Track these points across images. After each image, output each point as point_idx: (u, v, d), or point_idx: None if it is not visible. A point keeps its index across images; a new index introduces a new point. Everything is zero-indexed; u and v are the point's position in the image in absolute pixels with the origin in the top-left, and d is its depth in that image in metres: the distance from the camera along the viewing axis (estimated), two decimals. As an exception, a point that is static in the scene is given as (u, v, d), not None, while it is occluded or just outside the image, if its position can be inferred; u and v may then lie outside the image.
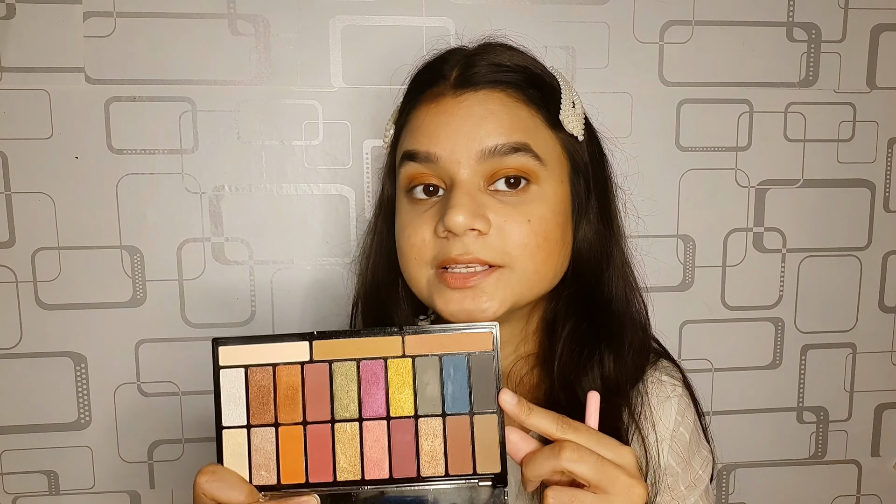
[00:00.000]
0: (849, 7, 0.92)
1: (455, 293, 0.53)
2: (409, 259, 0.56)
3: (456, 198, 0.52)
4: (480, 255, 0.52)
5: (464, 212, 0.51)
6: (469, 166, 0.53)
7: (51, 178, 0.83)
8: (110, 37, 0.82)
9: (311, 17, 0.85)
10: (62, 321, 0.86)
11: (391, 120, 0.62)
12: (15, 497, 0.88)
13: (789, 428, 1.00)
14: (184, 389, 0.88)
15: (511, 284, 0.54)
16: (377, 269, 0.64)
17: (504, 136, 0.53)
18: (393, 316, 0.63)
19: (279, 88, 0.85)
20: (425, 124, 0.55)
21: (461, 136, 0.53)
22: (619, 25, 0.88)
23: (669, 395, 0.64)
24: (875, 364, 1.00)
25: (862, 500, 1.03)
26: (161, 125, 0.84)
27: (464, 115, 0.54)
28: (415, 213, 0.56)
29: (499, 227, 0.53)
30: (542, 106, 0.56)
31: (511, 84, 0.55)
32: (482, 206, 0.53)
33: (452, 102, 0.55)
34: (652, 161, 0.91)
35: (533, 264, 0.54)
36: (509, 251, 0.53)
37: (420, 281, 0.56)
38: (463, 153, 0.53)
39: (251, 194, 0.86)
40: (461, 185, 0.53)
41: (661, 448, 0.63)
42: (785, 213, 0.95)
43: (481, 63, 0.56)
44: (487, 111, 0.54)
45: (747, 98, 0.92)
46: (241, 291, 0.88)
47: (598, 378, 0.60)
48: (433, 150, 0.54)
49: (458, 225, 0.51)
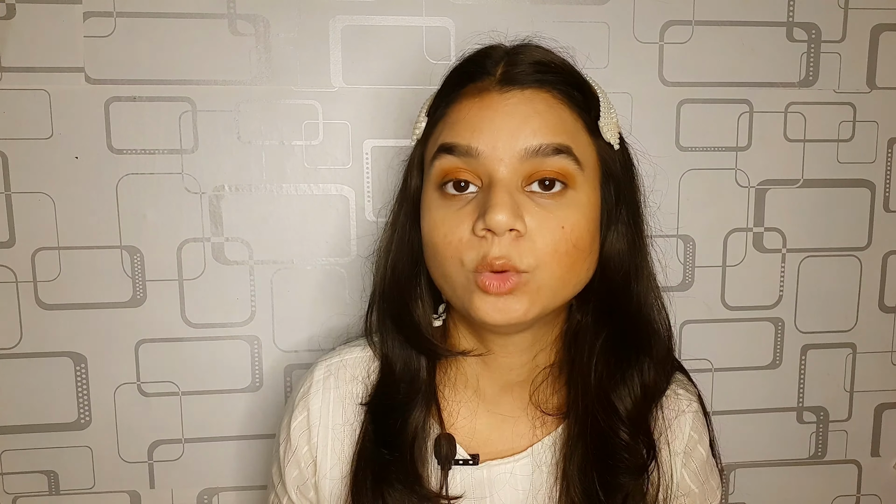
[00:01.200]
0: (849, 7, 0.92)
1: (490, 296, 0.53)
2: (445, 257, 0.55)
3: (498, 196, 0.51)
4: (514, 262, 0.52)
5: (506, 211, 0.50)
6: (510, 164, 0.52)
7: (51, 178, 0.83)
8: (110, 37, 0.82)
9: (311, 17, 0.85)
10: (62, 321, 0.86)
11: (423, 111, 0.61)
12: (15, 497, 0.88)
13: (789, 428, 1.00)
14: (184, 389, 0.88)
15: (541, 289, 0.53)
16: (397, 264, 0.62)
17: (548, 137, 0.52)
18: (413, 311, 0.62)
19: (279, 88, 0.85)
20: (468, 118, 0.54)
21: (505, 132, 0.52)
22: (619, 25, 0.88)
23: (685, 410, 0.63)
24: (875, 364, 1.00)
25: (862, 500, 1.03)
26: (161, 125, 0.84)
27: (509, 112, 0.53)
28: (449, 210, 0.55)
29: (533, 231, 0.52)
30: (585, 110, 0.56)
31: (556, 85, 0.55)
32: (520, 206, 0.52)
33: (498, 98, 0.54)
34: (652, 161, 0.91)
35: (560, 270, 0.53)
36: (541, 256, 0.53)
37: (456, 279, 0.55)
38: (506, 151, 0.52)
39: (251, 194, 0.87)
40: (501, 183, 0.52)
41: (674, 463, 0.62)
42: (785, 213, 0.95)
43: (527, 61, 0.55)
44: (533, 110, 0.53)
45: (747, 98, 0.92)
46: (241, 291, 0.88)
47: (639, 387, 0.60)
48: (475, 144, 0.53)
49: (499, 224, 0.50)
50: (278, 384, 0.90)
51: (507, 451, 0.63)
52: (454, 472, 0.62)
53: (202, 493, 0.91)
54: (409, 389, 0.63)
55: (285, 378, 0.90)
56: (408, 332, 0.62)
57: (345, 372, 0.66)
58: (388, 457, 0.61)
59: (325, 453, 0.64)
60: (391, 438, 0.61)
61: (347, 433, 0.64)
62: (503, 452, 0.63)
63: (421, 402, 0.62)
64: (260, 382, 0.90)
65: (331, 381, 0.66)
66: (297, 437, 0.65)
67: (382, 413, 0.63)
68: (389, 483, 0.59)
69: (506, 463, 0.62)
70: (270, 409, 0.90)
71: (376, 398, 0.64)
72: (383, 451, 0.61)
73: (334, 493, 0.64)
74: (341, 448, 0.64)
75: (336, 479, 0.64)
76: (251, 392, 0.89)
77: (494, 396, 0.64)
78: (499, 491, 0.62)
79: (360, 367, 0.66)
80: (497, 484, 0.62)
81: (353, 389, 0.65)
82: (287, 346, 0.90)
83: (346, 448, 0.64)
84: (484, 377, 0.64)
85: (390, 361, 0.64)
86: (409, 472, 0.60)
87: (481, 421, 0.64)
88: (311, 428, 0.65)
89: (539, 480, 0.61)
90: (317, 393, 0.66)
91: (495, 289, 0.52)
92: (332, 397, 0.65)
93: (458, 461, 0.61)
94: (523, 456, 0.62)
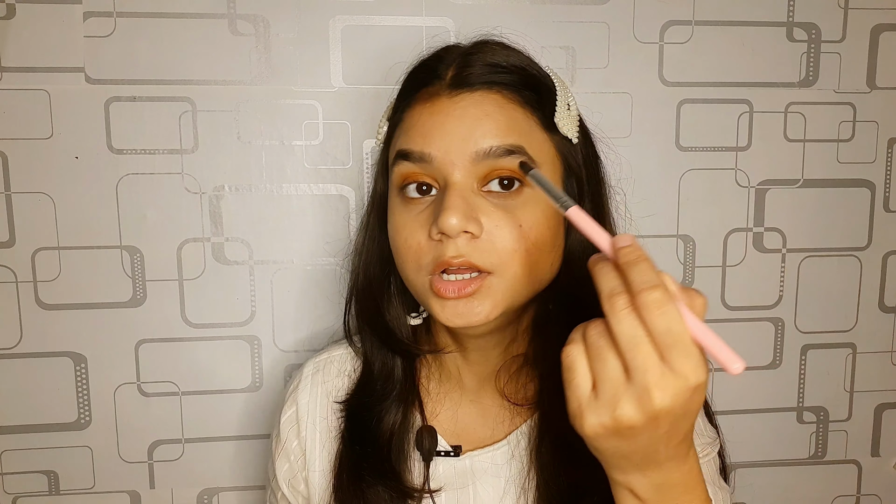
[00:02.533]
0: (849, 7, 0.92)
1: (449, 301, 0.54)
2: (405, 261, 0.56)
3: (449, 200, 0.52)
4: (472, 259, 0.53)
5: (457, 214, 0.51)
6: (463, 168, 0.53)
7: (51, 178, 0.83)
8: (110, 37, 0.82)
9: (311, 17, 0.85)
10: (62, 321, 0.86)
11: (384, 117, 0.62)
12: (15, 497, 0.88)
13: (789, 428, 1.00)
14: (184, 389, 0.88)
15: (502, 289, 0.54)
16: (369, 266, 0.64)
17: (499, 139, 0.53)
18: (385, 313, 0.63)
19: (279, 88, 0.85)
20: (420, 124, 0.55)
21: (456, 137, 0.53)
22: (619, 25, 0.88)
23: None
24: (875, 364, 1.00)
25: (862, 500, 1.03)
26: (161, 125, 0.84)
27: (459, 116, 0.53)
28: (409, 215, 0.56)
29: (490, 231, 0.53)
30: (538, 108, 0.56)
31: (507, 85, 0.55)
32: (475, 208, 0.53)
33: (448, 103, 0.54)
34: (652, 161, 0.91)
35: (522, 269, 0.54)
36: (500, 256, 0.53)
37: (417, 284, 0.57)
38: (457, 155, 0.53)
39: (251, 194, 0.86)
40: (455, 186, 0.53)
41: None
42: (785, 213, 0.95)
43: (477, 63, 0.55)
44: (483, 112, 0.53)
45: (747, 98, 0.92)
46: (241, 291, 0.88)
47: None
48: (427, 150, 0.54)
49: (451, 227, 0.51)
50: (278, 384, 0.90)
51: (487, 440, 0.64)
52: (437, 464, 0.63)
53: (202, 493, 0.91)
54: (384, 388, 0.64)
55: (285, 378, 0.90)
56: (381, 333, 0.64)
57: (331, 367, 0.69)
58: (362, 454, 0.62)
59: (314, 447, 0.66)
60: (367, 435, 0.63)
61: (334, 427, 0.66)
62: (484, 441, 0.64)
63: (397, 399, 0.64)
64: (260, 382, 0.90)
65: (318, 376, 0.69)
66: (286, 432, 0.68)
67: (358, 411, 0.65)
68: (366, 479, 0.61)
69: (486, 452, 0.64)
70: (270, 409, 0.90)
71: (353, 397, 0.66)
72: (356, 447, 0.63)
73: (322, 486, 0.65)
74: (329, 442, 0.66)
75: (324, 472, 0.65)
76: (251, 392, 0.89)
77: (475, 388, 0.65)
78: (480, 479, 0.63)
79: (347, 363, 0.69)
80: (478, 473, 0.63)
81: (340, 384, 0.68)
82: (287, 346, 0.90)
83: (334, 442, 0.66)
84: (464, 369, 0.65)
85: (369, 361, 0.66)
86: (385, 469, 0.61)
87: (464, 412, 0.66)
88: (299, 422, 0.67)
89: (516, 468, 0.63)
90: (305, 388, 0.68)
91: (454, 294, 0.53)
92: (320, 392, 0.68)
93: (439, 453, 0.63)
94: (502, 444, 0.64)
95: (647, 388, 0.39)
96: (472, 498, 0.63)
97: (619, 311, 0.39)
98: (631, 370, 0.39)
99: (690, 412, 0.41)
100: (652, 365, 0.39)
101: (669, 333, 0.38)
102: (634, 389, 0.39)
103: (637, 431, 0.40)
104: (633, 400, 0.39)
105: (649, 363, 0.39)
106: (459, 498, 0.63)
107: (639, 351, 0.39)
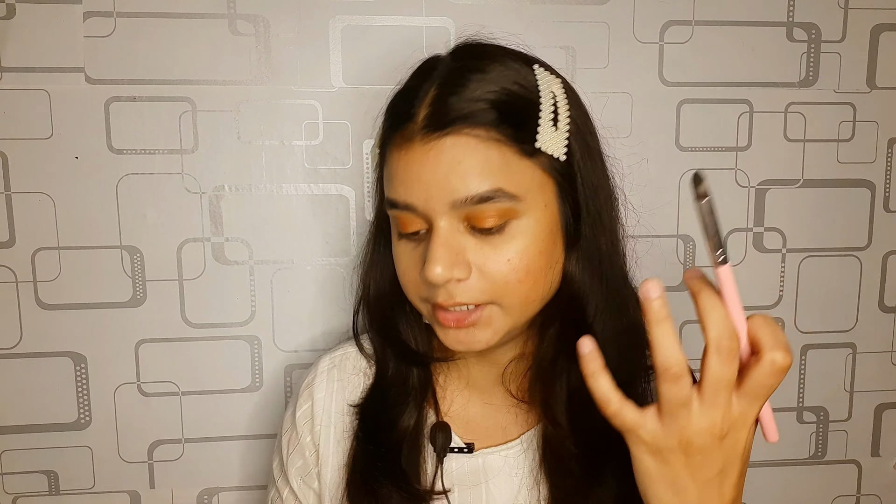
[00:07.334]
0: (849, 7, 0.92)
1: (451, 329, 0.56)
2: (407, 290, 0.59)
3: (433, 250, 0.53)
4: (464, 300, 0.54)
5: (441, 264, 0.52)
6: (444, 213, 0.53)
7: (51, 178, 0.83)
8: (110, 37, 0.82)
9: (311, 17, 0.85)
10: (62, 321, 0.86)
11: (375, 143, 0.62)
12: (15, 497, 0.88)
13: (789, 428, 1.00)
14: (184, 389, 0.88)
15: (502, 316, 0.56)
16: (379, 279, 0.65)
17: (475, 185, 0.52)
18: (398, 325, 0.65)
19: (279, 88, 0.85)
20: (399, 172, 0.55)
21: (433, 186, 0.53)
22: (619, 25, 0.88)
23: None
24: (875, 364, 1.00)
25: (862, 500, 1.03)
26: (161, 125, 0.84)
27: (433, 164, 0.53)
28: (406, 248, 0.57)
29: (480, 268, 0.54)
30: (517, 140, 0.53)
31: (480, 123, 0.53)
32: (461, 250, 0.54)
33: (421, 151, 0.53)
34: (652, 161, 0.91)
35: (517, 297, 0.55)
36: (493, 288, 0.54)
37: (420, 308, 0.59)
38: (437, 202, 0.53)
39: (251, 194, 0.86)
40: (438, 233, 0.53)
41: None
42: (785, 213, 0.95)
43: (450, 100, 0.53)
44: (454, 160, 0.52)
45: (747, 98, 0.92)
46: (241, 291, 0.88)
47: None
48: (410, 200, 0.54)
49: (436, 278, 0.52)
50: (278, 384, 0.90)
51: (500, 438, 0.65)
52: (449, 461, 0.64)
53: (202, 493, 0.91)
54: (399, 392, 0.65)
55: (285, 378, 0.90)
56: (395, 345, 0.65)
57: (347, 363, 0.69)
58: (377, 454, 0.63)
59: (328, 443, 0.67)
60: (381, 436, 0.64)
61: (349, 423, 0.66)
62: (496, 440, 0.65)
63: (412, 403, 0.65)
64: (260, 382, 0.90)
65: (334, 372, 0.69)
66: (301, 426, 0.68)
67: (372, 413, 0.65)
68: (379, 480, 0.61)
69: (500, 451, 0.64)
70: (270, 409, 0.90)
71: (367, 401, 0.66)
72: (370, 447, 0.63)
73: (335, 482, 0.65)
74: (343, 440, 0.66)
75: (338, 468, 0.66)
76: (251, 392, 0.89)
77: (487, 387, 0.66)
78: (493, 478, 0.63)
79: (362, 360, 0.69)
80: (491, 471, 0.64)
81: (357, 381, 0.68)
82: (287, 346, 0.90)
83: (347, 439, 0.66)
84: (476, 370, 0.66)
85: (382, 364, 0.67)
86: (398, 471, 0.62)
87: (475, 410, 0.66)
88: (314, 417, 0.67)
89: (529, 467, 0.63)
90: (321, 384, 0.68)
91: (454, 324, 0.55)
92: (336, 388, 0.68)
93: (452, 449, 0.64)
94: (515, 444, 0.64)
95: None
96: (484, 496, 0.63)
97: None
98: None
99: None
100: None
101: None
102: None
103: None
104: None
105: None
106: (472, 496, 0.63)
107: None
